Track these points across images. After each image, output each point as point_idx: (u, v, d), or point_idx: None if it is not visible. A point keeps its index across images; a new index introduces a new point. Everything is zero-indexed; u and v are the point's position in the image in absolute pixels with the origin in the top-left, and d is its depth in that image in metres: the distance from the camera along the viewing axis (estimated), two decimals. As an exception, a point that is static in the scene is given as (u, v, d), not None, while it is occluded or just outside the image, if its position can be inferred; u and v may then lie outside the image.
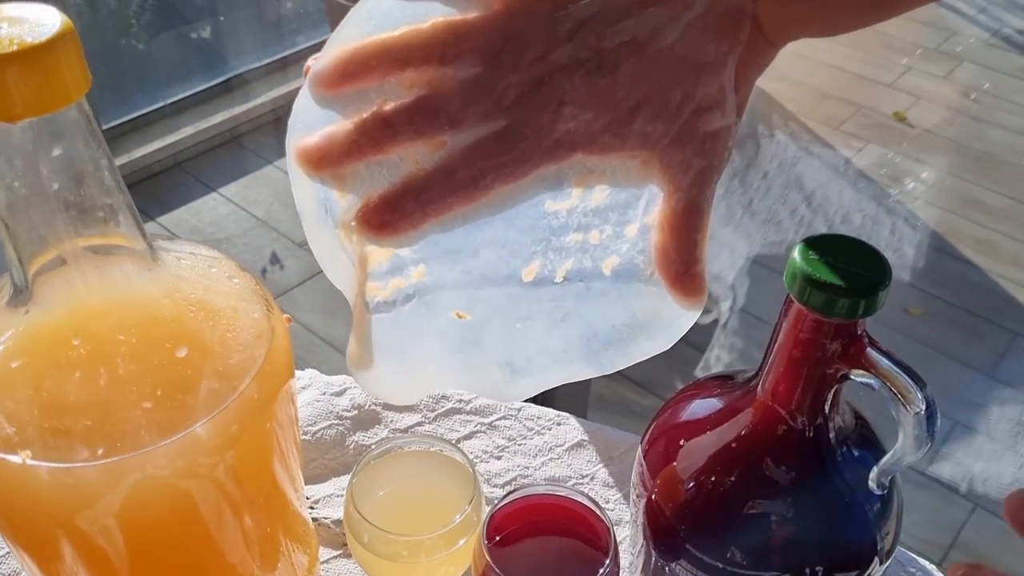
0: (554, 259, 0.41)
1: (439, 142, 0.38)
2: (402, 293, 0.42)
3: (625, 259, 0.42)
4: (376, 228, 0.39)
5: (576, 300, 0.42)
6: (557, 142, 0.38)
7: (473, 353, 0.44)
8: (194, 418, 0.46)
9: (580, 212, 0.41)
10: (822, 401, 0.46)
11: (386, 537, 0.54)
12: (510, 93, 0.37)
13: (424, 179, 0.38)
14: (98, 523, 0.47)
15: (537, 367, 0.44)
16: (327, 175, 0.39)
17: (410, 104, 0.38)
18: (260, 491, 0.54)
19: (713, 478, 0.50)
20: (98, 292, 0.45)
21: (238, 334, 0.49)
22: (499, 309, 0.42)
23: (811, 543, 0.49)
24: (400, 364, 0.44)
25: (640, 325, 0.43)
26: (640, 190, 0.40)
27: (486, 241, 0.40)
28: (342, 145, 0.38)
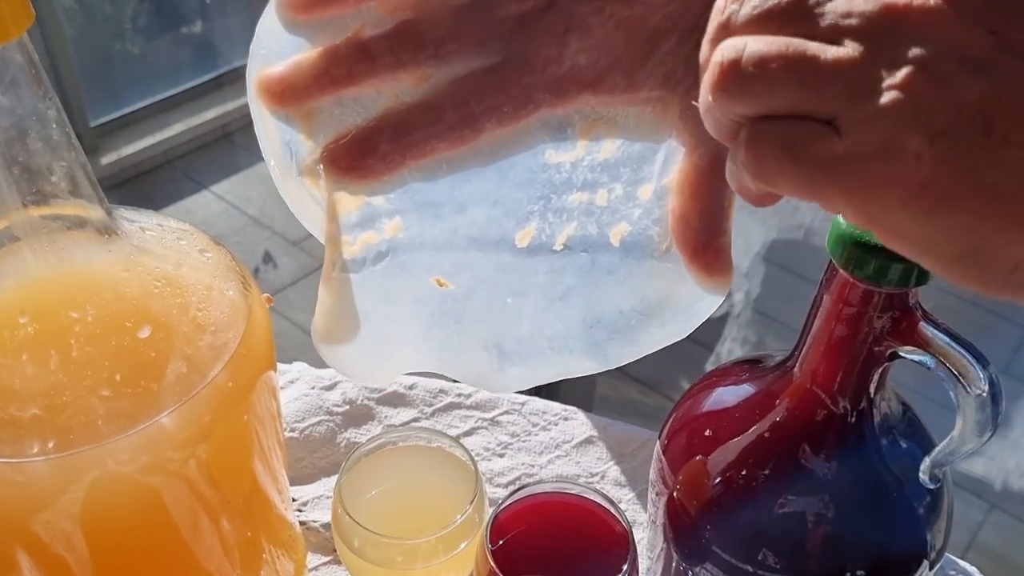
0: (553, 222, 0.36)
1: (423, 75, 0.33)
2: (373, 250, 0.36)
3: (637, 228, 0.36)
4: (344, 169, 0.34)
5: (578, 275, 0.37)
6: (562, 79, 0.33)
7: (454, 330, 0.38)
8: (159, 407, 0.41)
9: (586, 166, 0.35)
10: (867, 383, 0.42)
11: (378, 541, 0.49)
12: (509, 20, 0.32)
13: (404, 115, 0.33)
14: (55, 527, 0.42)
15: (530, 353, 0.39)
16: (292, 111, 0.34)
17: (392, 30, 0.33)
18: (238, 492, 0.50)
19: (743, 472, 0.45)
20: (48, 264, 0.40)
21: (210, 313, 0.44)
22: (487, 279, 0.37)
23: (853, 543, 0.44)
24: (369, 334, 0.38)
25: (652, 310, 0.37)
26: (657, 143, 0.35)
27: (475, 195, 0.35)
28: (310, 75, 0.33)
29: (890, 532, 0.44)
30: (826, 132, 0.25)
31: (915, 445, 0.44)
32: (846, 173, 0.25)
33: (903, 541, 0.45)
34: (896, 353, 0.40)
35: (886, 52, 0.24)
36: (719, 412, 0.48)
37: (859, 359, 0.41)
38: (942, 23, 0.23)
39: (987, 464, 1.65)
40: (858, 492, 0.44)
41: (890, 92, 0.24)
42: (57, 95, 0.39)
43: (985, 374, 0.38)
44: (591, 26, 0.32)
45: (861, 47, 0.24)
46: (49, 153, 0.38)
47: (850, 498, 0.44)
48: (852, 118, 0.24)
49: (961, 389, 0.39)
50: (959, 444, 0.40)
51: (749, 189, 0.28)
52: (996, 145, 0.23)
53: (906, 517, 0.44)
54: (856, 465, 0.43)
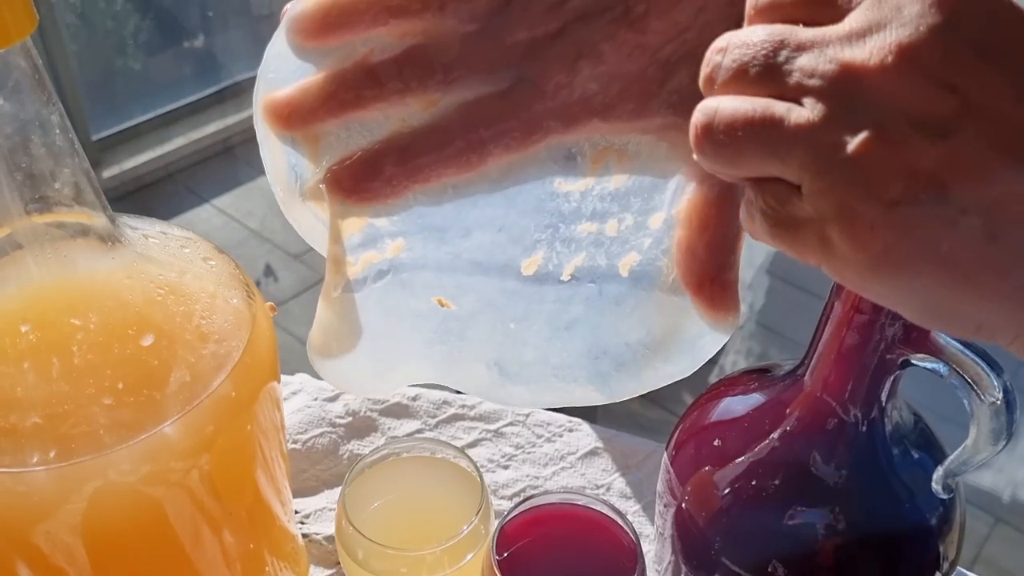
0: (561, 251, 0.35)
1: (431, 100, 0.33)
2: (374, 269, 0.36)
3: (647, 258, 0.35)
4: (349, 191, 0.33)
5: (585, 305, 0.36)
6: (572, 106, 0.32)
7: (456, 346, 0.37)
8: (162, 416, 0.41)
9: (596, 195, 0.34)
10: (879, 391, 0.41)
11: (383, 552, 0.49)
12: (519, 46, 0.31)
13: (410, 138, 0.33)
14: (55, 538, 0.42)
15: (532, 377, 0.38)
16: (298, 134, 0.34)
17: (400, 54, 0.32)
18: (241, 503, 0.49)
19: (753, 482, 0.44)
20: (51, 271, 0.40)
21: (213, 322, 0.43)
22: (490, 303, 0.36)
23: (864, 555, 0.44)
24: (366, 348, 0.38)
25: (657, 344, 0.36)
26: (669, 174, 0.34)
27: (480, 221, 0.35)
28: (317, 99, 0.33)
29: (902, 544, 0.44)
30: (793, 196, 0.25)
31: (927, 455, 0.44)
32: (813, 238, 0.25)
33: (915, 553, 0.44)
34: (908, 361, 0.40)
35: (846, 115, 0.24)
36: (728, 422, 0.47)
37: (870, 367, 0.40)
38: (898, 83, 0.23)
39: (992, 477, 1.64)
40: (869, 503, 0.43)
41: (846, 159, 0.23)
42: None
43: (999, 382, 0.37)
44: (603, 52, 0.31)
45: (824, 109, 0.24)
46: (52, 159, 0.38)
47: (861, 509, 0.43)
48: (812, 186, 0.24)
49: (975, 397, 0.38)
50: (972, 453, 0.40)
51: None
52: (952, 213, 0.23)
53: (918, 529, 0.44)
54: (867, 475, 0.43)
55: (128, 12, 2.36)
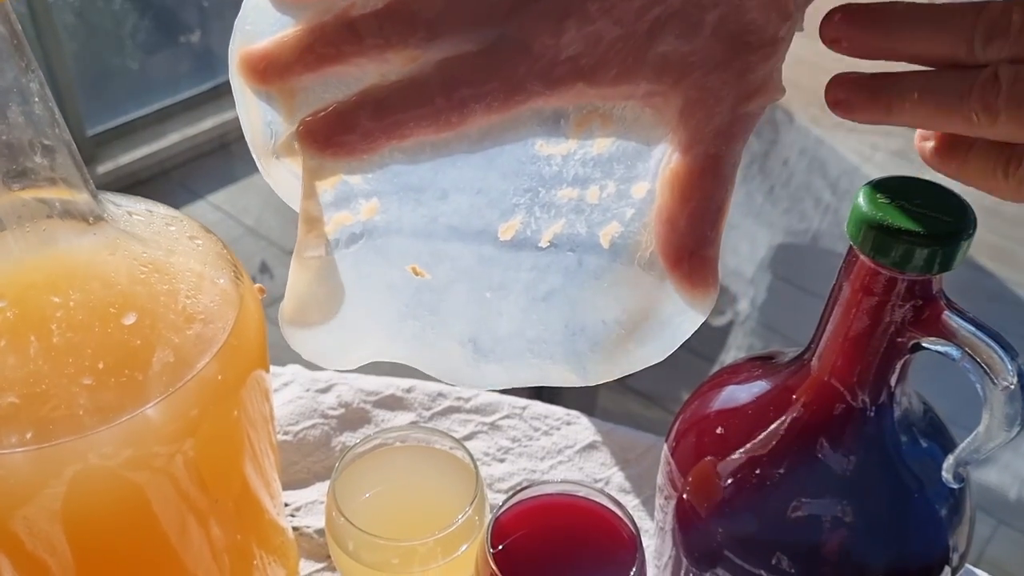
0: (540, 217, 0.34)
1: (412, 56, 0.31)
2: (347, 232, 0.34)
3: (628, 230, 0.34)
4: (322, 144, 0.32)
5: (563, 276, 0.35)
6: (557, 66, 0.31)
7: (429, 322, 0.36)
8: (145, 398, 0.39)
9: (578, 160, 0.33)
10: (888, 376, 0.40)
11: (374, 543, 0.47)
12: (504, 2, 0.30)
13: (388, 92, 0.31)
14: (34, 524, 0.40)
15: (508, 353, 0.37)
16: (274, 89, 0.33)
17: (382, 8, 0.31)
18: (227, 493, 0.48)
19: (757, 471, 0.43)
20: (29, 247, 0.39)
21: (199, 301, 0.42)
22: (466, 271, 0.35)
23: (872, 546, 0.42)
24: (338, 319, 0.36)
25: (633, 322, 0.35)
26: (654, 141, 0.33)
27: (459, 182, 0.33)
28: (294, 52, 0.32)
29: (911, 535, 0.42)
30: None
31: (936, 444, 0.42)
32: None
33: (924, 545, 0.43)
34: (919, 344, 0.38)
35: None
36: (730, 410, 0.46)
37: (880, 350, 0.39)
38: None
39: (995, 478, 1.64)
40: (877, 492, 0.42)
41: None
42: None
43: (1014, 366, 0.36)
44: (590, 13, 0.30)
45: None
46: (31, 129, 0.37)
47: (869, 498, 0.42)
48: None
49: (988, 381, 0.37)
50: (985, 440, 0.38)
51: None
52: None
53: (928, 520, 0.42)
54: (875, 463, 0.41)
55: (127, 11, 2.36)
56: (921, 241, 0.36)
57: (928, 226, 0.36)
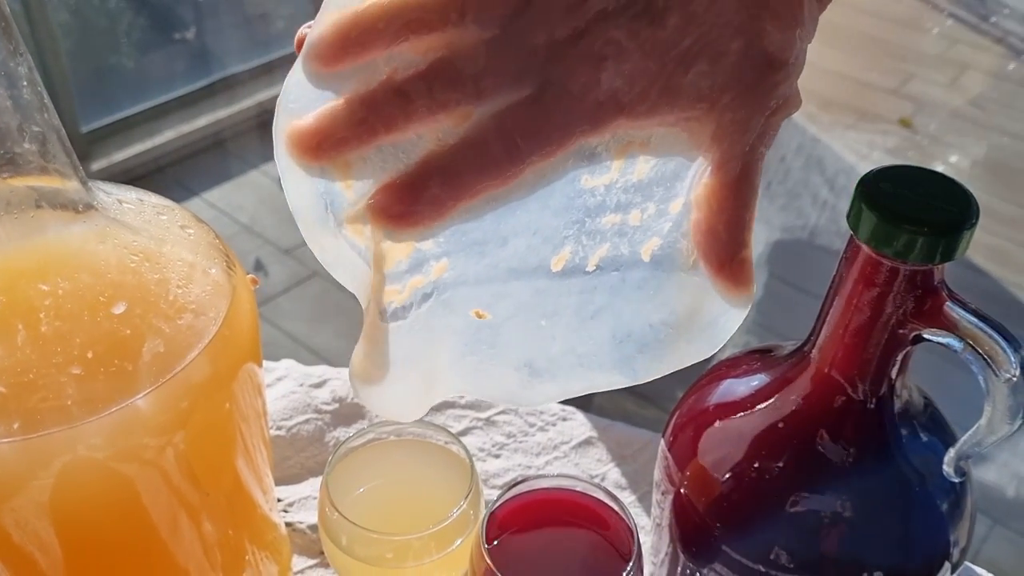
0: (587, 244, 0.35)
1: (463, 113, 0.32)
2: (419, 293, 0.35)
3: (667, 241, 0.35)
4: (396, 219, 0.32)
5: (609, 294, 0.36)
6: (599, 105, 0.32)
7: (487, 355, 0.37)
8: (134, 388, 0.39)
9: (620, 188, 0.35)
10: (889, 368, 0.39)
11: (368, 537, 0.47)
12: (542, 48, 0.31)
13: (451, 155, 0.31)
14: (22, 517, 0.40)
15: (561, 370, 0.38)
16: (328, 163, 0.32)
17: (427, 69, 0.31)
18: (219, 488, 0.48)
19: (755, 464, 0.43)
20: (18, 234, 0.38)
21: (191, 291, 0.41)
22: (523, 305, 0.36)
23: (872, 541, 0.42)
24: (412, 374, 0.38)
25: (680, 323, 0.36)
26: (690, 160, 0.34)
27: (517, 227, 0.34)
28: (347, 125, 0.32)
29: (911, 530, 0.42)
30: None
31: (937, 438, 0.42)
32: None
33: (925, 540, 0.42)
34: (921, 336, 0.38)
35: None
36: (729, 403, 0.45)
37: (881, 342, 0.38)
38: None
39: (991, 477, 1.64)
40: (878, 486, 0.41)
41: None
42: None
43: (1017, 357, 0.36)
44: (626, 50, 0.31)
45: None
46: (19, 114, 0.36)
47: (869, 492, 0.41)
48: None
49: (991, 373, 0.36)
50: (987, 433, 0.38)
51: None
52: None
53: (929, 514, 0.42)
54: (876, 456, 0.41)
55: (122, 10, 2.36)
56: (923, 231, 0.35)
57: (931, 215, 0.35)
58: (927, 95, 2.73)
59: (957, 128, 2.62)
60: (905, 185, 0.36)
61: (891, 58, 2.90)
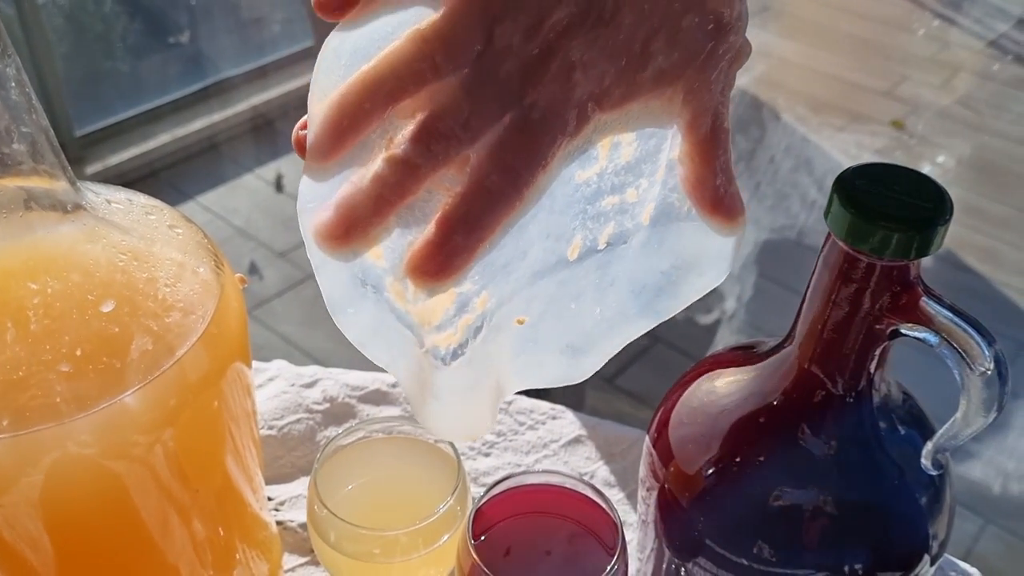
0: (593, 228, 0.38)
1: (463, 159, 0.34)
2: (471, 329, 0.39)
3: (660, 202, 0.39)
4: (434, 275, 0.34)
5: (620, 262, 0.40)
6: (576, 110, 0.34)
7: (534, 350, 0.41)
8: (123, 385, 0.39)
9: (611, 172, 0.38)
10: (867, 362, 0.40)
11: (356, 533, 0.47)
12: (514, 77, 0.33)
13: (462, 204, 0.34)
14: (12, 514, 0.40)
15: (597, 340, 0.42)
16: (358, 244, 0.35)
17: (419, 131, 0.33)
18: (209, 486, 0.48)
19: (738, 458, 0.43)
20: (7, 233, 0.38)
21: (179, 290, 0.42)
22: (552, 298, 0.40)
23: (852, 534, 0.42)
24: (479, 395, 0.41)
25: (688, 264, 0.40)
26: (665, 129, 0.37)
27: (532, 239, 0.37)
28: (365, 206, 0.34)
29: (891, 523, 0.42)
30: None
31: (915, 432, 0.42)
32: None
33: (904, 533, 0.43)
34: (897, 331, 0.38)
35: None
36: (712, 399, 0.46)
37: (859, 337, 0.39)
38: None
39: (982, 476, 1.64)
40: (858, 479, 0.42)
41: None
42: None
43: (991, 351, 0.36)
44: (590, 58, 0.33)
45: None
46: (8, 114, 0.36)
47: (849, 486, 0.42)
48: None
49: (966, 367, 0.37)
50: (963, 426, 0.38)
51: None
52: None
53: (908, 507, 0.42)
54: (855, 450, 0.41)
55: (116, 14, 2.36)
56: (899, 226, 0.36)
57: (906, 212, 0.36)
58: (919, 97, 2.74)
59: (948, 129, 2.63)
60: (880, 182, 0.37)
61: (883, 60, 2.91)
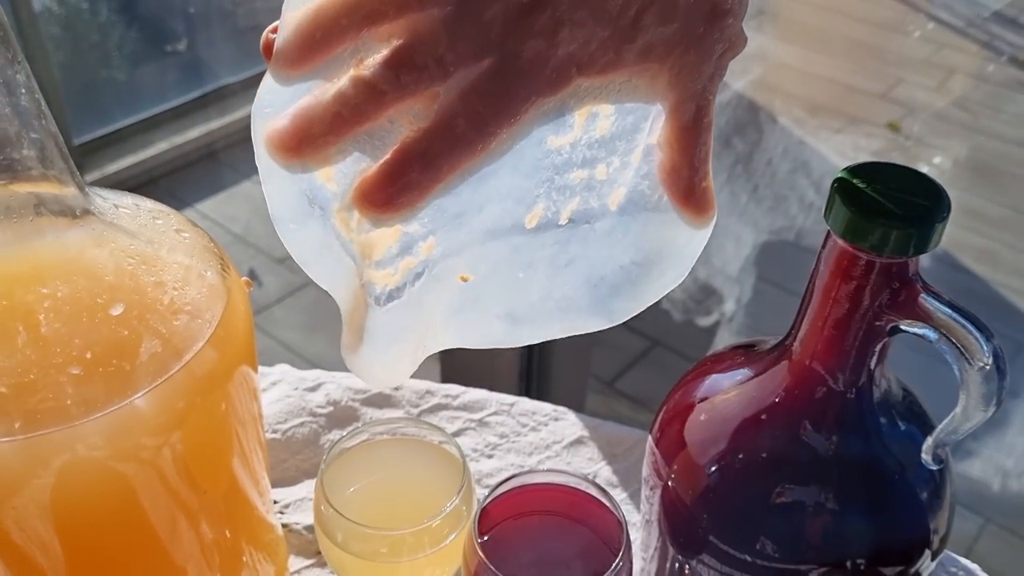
0: (558, 200, 0.37)
1: (431, 95, 0.33)
2: (412, 273, 0.38)
3: (631, 188, 0.38)
4: (381, 205, 0.33)
5: (581, 243, 0.39)
6: (557, 68, 0.33)
7: (472, 310, 0.40)
8: (132, 388, 0.40)
9: (584, 144, 0.37)
10: (867, 358, 0.40)
11: (363, 533, 0.48)
12: (498, 22, 0.32)
13: (423, 139, 0.33)
14: (23, 516, 0.41)
15: (539, 315, 0.40)
16: (309, 159, 0.34)
17: (392, 57, 0.32)
18: (216, 489, 0.48)
19: (740, 455, 0.44)
20: (17, 238, 0.39)
21: (186, 293, 0.42)
22: (502, 261, 0.38)
23: (853, 529, 0.43)
24: (405, 344, 0.40)
25: (650, 259, 0.39)
26: (647, 110, 0.36)
27: (491, 194, 0.36)
28: (322, 121, 0.33)
29: (892, 518, 0.43)
30: None
31: (915, 427, 0.43)
32: None
33: (905, 528, 0.43)
34: (897, 327, 0.39)
35: None
36: (714, 398, 0.46)
37: (859, 334, 0.40)
38: None
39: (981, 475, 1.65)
40: (859, 475, 0.42)
41: None
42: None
43: (989, 346, 0.37)
44: (579, 18, 0.33)
45: None
46: (18, 121, 0.37)
47: (851, 481, 0.42)
48: None
49: (964, 362, 0.37)
50: (962, 420, 0.39)
51: None
52: None
53: (908, 502, 0.43)
54: (856, 446, 0.42)
55: (113, 23, 2.37)
56: (897, 224, 0.36)
57: (904, 209, 0.37)
58: (915, 99, 2.76)
59: (944, 131, 2.64)
60: (879, 181, 0.38)
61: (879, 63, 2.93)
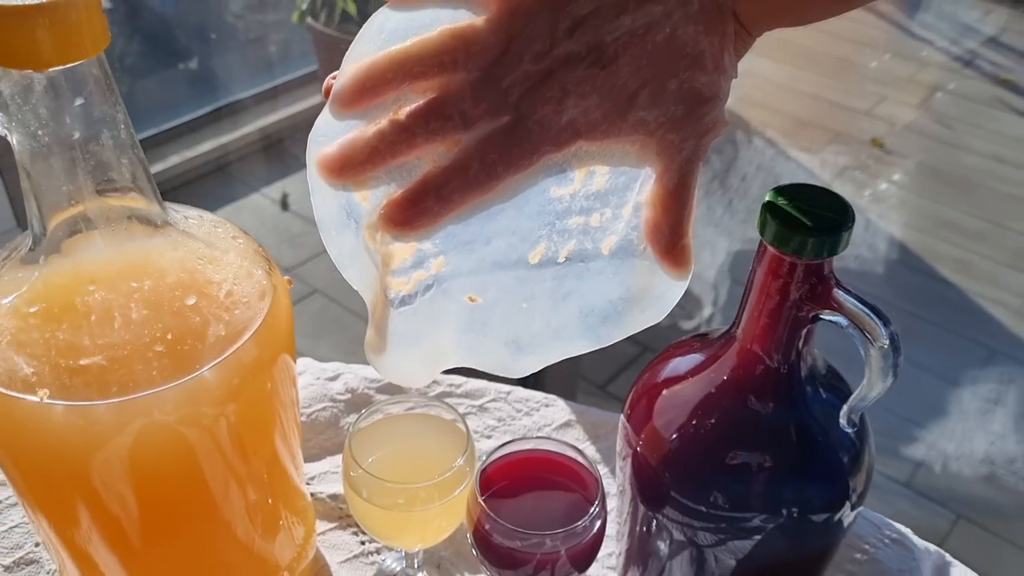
0: (558, 241, 0.43)
1: (454, 140, 0.39)
2: (422, 284, 0.44)
3: (621, 237, 0.43)
4: (400, 224, 0.40)
5: (576, 279, 0.44)
6: (561, 131, 0.40)
7: (482, 332, 0.45)
8: (200, 362, 0.48)
9: (582, 196, 0.42)
10: (795, 341, 0.49)
11: (384, 487, 0.56)
12: (516, 88, 0.39)
13: (442, 175, 0.40)
14: (107, 469, 0.48)
15: (541, 343, 0.46)
16: (349, 180, 0.41)
17: (424, 108, 0.39)
18: (261, 458, 0.56)
19: (695, 423, 0.52)
20: (114, 243, 0.48)
21: (242, 288, 0.51)
22: (507, 291, 0.44)
23: (787, 483, 0.51)
24: (418, 349, 0.46)
25: (634, 298, 0.44)
26: (637, 172, 0.43)
27: (498, 229, 0.42)
28: (363, 152, 0.40)
29: (818, 474, 0.52)
30: None
31: (836, 397, 0.51)
32: None
33: (828, 484, 0.52)
34: (817, 315, 0.48)
35: None
36: (674, 377, 0.55)
37: (787, 321, 0.48)
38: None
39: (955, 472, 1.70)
40: (791, 438, 0.51)
41: None
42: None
43: (887, 330, 0.45)
44: (584, 90, 0.39)
45: None
46: (117, 150, 0.46)
47: (785, 444, 0.51)
48: None
49: (868, 343, 0.46)
50: (868, 390, 0.47)
51: None
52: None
53: (831, 460, 0.51)
54: (788, 414, 0.51)
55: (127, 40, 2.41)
56: (812, 232, 0.45)
57: (817, 221, 0.45)
58: (897, 116, 2.79)
59: (925, 147, 2.68)
60: (799, 199, 0.46)
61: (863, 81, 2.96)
